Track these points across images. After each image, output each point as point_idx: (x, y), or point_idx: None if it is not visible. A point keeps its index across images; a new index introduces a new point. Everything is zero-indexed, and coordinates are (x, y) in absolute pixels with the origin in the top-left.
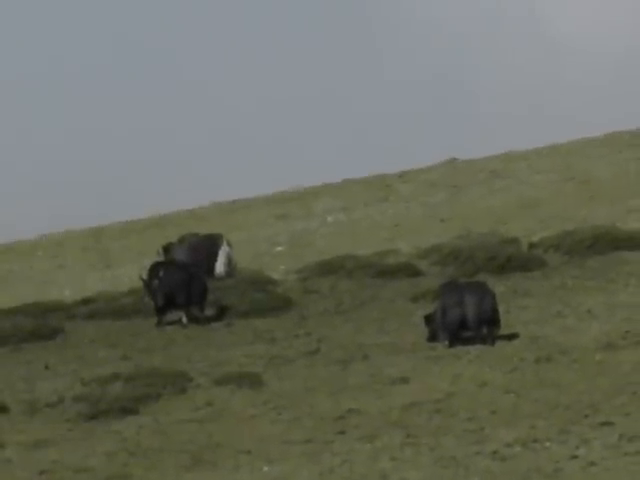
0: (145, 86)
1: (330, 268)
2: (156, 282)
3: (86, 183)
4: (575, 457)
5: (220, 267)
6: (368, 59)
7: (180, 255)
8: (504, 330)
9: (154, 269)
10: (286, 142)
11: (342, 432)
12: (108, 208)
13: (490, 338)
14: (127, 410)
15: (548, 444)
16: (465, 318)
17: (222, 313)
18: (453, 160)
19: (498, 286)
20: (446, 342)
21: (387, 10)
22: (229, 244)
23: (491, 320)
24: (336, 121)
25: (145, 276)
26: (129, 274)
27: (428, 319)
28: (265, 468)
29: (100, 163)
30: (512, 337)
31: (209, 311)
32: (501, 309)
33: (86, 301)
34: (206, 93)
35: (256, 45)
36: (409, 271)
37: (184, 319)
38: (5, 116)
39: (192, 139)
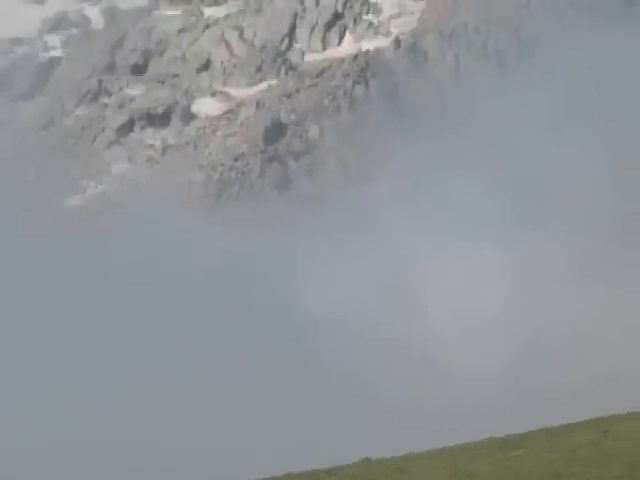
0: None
1: None
2: None
3: None
4: None
5: None
6: (292, 376)
7: None
8: None
9: None
10: (234, 445)
11: None
12: None
13: None
14: None
15: None
16: None
17: None
18: (367, 459)
19: None
20: None
21: (311, 337)
22: None
23: None
24: (277, 429)
25: None
26: None
27: None
28: None
29: None
30: None
31: None
32: None
33: None
34: (186, 408)
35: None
36: None
37: None
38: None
39: (174, 449)
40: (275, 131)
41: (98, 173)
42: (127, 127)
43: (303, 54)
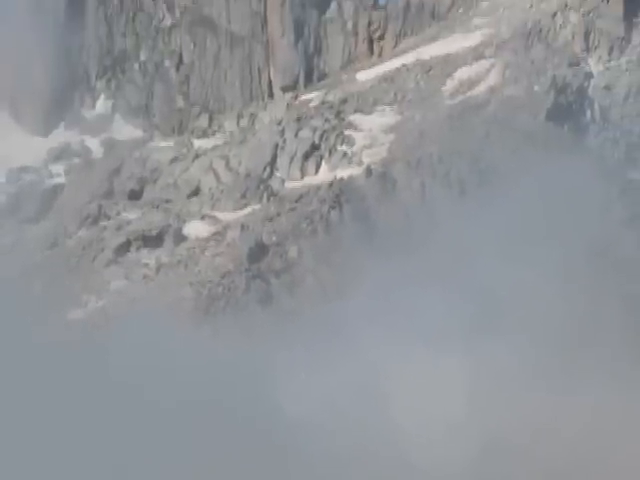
0: None
1: None
2: None
3: None
4: None
5: None
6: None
7: None
8: None
9: None
10: None
11: None
12: None
13: None
14: None
15: None
16: None
17: None
18: None
19: None
20: None
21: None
22: None
23: None
24: None
25: None
26: None
27: None
28: None
29: None
30: None
31: None
32: None
33: None
34: None
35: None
36: None
37: None
38: None
39: None
40: (258, 251)
41: (98, 289)
42: (124, 248)
43: (283, 181)
